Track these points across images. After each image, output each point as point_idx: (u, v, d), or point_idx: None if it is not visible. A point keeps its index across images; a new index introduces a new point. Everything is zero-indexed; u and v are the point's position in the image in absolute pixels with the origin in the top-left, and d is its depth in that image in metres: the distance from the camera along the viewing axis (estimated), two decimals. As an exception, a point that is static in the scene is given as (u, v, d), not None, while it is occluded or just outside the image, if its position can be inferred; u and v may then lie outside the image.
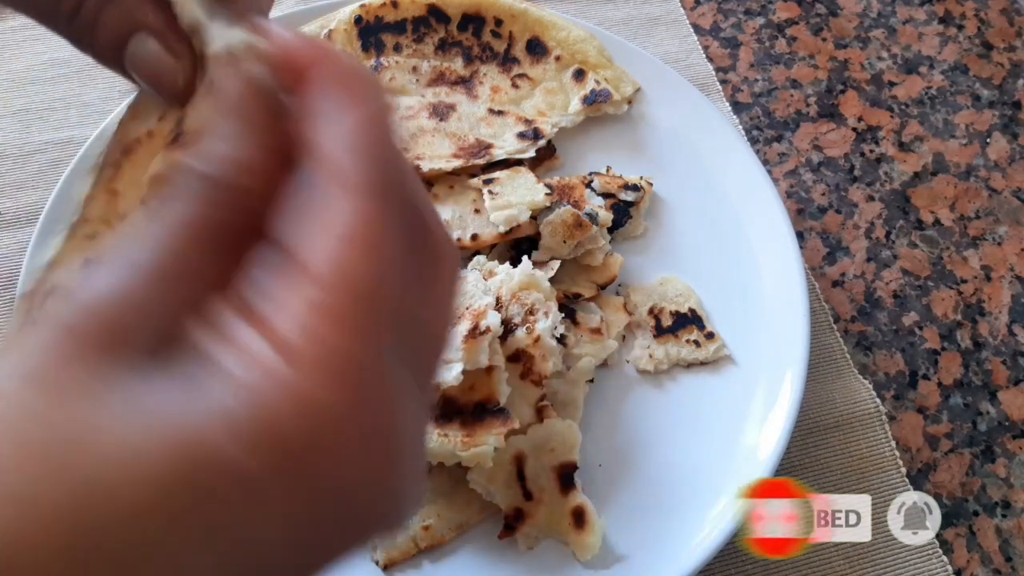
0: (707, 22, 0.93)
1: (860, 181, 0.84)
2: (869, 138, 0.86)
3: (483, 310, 0.60)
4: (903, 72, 0.91)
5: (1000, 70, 0.92)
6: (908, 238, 0.81)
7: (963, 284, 0.78)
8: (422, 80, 0.77)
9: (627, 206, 0.72)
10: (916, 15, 0.96)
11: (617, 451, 0.63)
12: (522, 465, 0.59)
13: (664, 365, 0.67)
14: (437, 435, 0.58)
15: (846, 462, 0.67)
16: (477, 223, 0.69)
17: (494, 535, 0.59)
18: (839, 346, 0.73)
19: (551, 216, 0.68)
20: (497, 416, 0.58)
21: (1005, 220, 0.82)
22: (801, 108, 0.88)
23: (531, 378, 0.61)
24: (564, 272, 0.68)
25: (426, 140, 0.73)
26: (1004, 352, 0.75)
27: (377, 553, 0.58)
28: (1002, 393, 0.73)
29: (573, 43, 0.78)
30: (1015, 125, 0.88)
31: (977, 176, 0.85)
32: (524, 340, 0.62)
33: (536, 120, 0.76)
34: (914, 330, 0.76)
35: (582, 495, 0.59)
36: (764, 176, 0.73)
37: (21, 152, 0.77)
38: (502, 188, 0.69)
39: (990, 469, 0.69)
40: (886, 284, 0.78)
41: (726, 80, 0.89)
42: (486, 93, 0.77)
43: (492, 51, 0.79)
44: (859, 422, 0.69)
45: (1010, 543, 0.66)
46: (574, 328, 0.67)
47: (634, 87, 0.78)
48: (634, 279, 0.71)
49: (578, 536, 0.58)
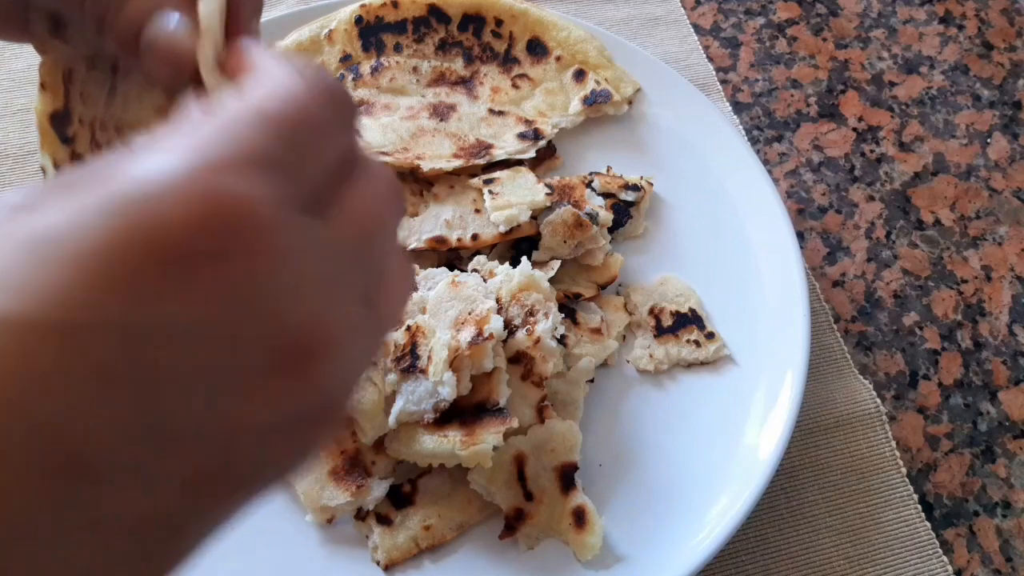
0: (707, 22, 0.93)
1: (860, 181, 0.84)
2: (869, 138, 0.86)
3: (486, 315, 0.60)
4: (903, 72, 0.91)
5: (1000, 70, 0.92)
6: (908, 238, 0.81)
7: (963, 284, 0.78)
8: (423, 80, 0.77)
9: (627, 206, 0.72)
10: (916, 15, 0.96)
11: (617, 451, 0.63)
12: (523, 465, 0.59)
13: (664, 365, 0.67)
14: (437, 435, 0.58)
15: (846, 462, 0.67)
16: (477, 223, 0.69)
17: (495, 535, 0.59)
18: (839, 346, 0.73)
19: (551, 216, 0.68)
20: (496, 416, 0.58)
21: (1005, 220, 0.82)
22: (801, 108, 0.88)
23: (532, 379, 0.61)
24: (564, 272, 0.68)
25: (426, 140, 0.73)
26: (1004, 352, 0.75)
27: (378, 553, 0.58)
28: (1002, 393, 0.73)
29: (573, 43, 0.78)
30: (1015, 125, 0.88)
31: (977, 176, 0.85)
32: (525, 342, 0.62)
33: (536, 120, 0.76)
34: (914, 330, 0.76)
35: (583, 495, 0.59)
36: (764, 176, 0.73)
37: (21, 152, 0.77)
38: (502, 188, 0.69)
39: (990, 469, 0.69)
40: (886, 284, 0.78)
41: (726, 80, 0.89)
42: (486, 93, 0.77)
43: (492, 51, 0.79)
44: (859, 422, 0.69)
45: (1010, 543, 0.66)
46: (574, 328, 0.67)
47: (634, 87, 0.78)
48: (634, 279, 0.71)
49: (578, 536, 0.58)
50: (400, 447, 0.59)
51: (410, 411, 0.58)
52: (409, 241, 0.68)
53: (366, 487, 0.58)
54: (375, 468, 0.60)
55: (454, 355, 0.59)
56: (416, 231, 0.68)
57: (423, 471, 0.60)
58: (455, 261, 0.69)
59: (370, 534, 0.59)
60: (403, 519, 0.59)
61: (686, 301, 0.69)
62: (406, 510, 0.59)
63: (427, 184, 0.72)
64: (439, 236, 0.68)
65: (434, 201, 0.70)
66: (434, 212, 0.69)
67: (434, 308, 0.61)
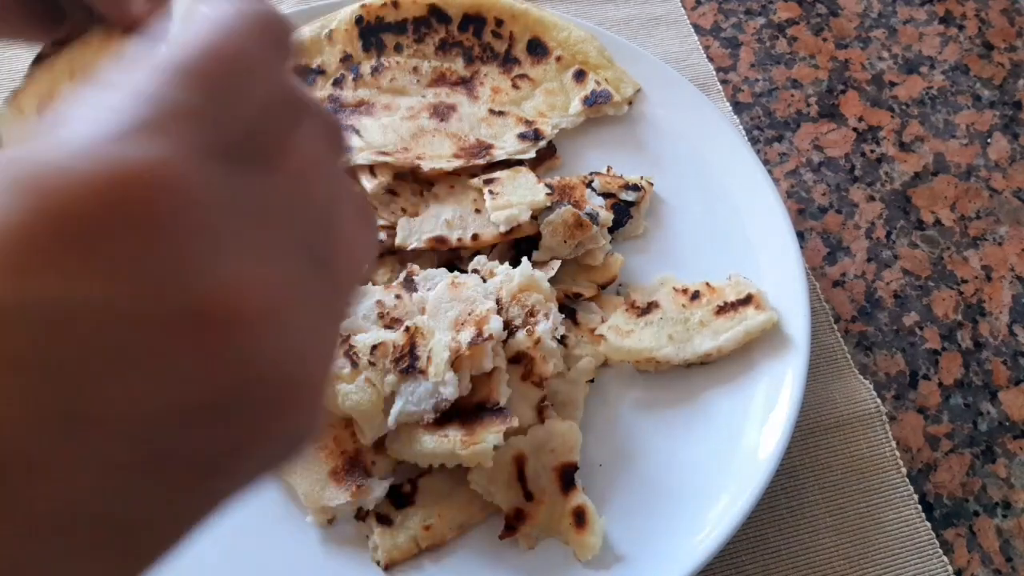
0: (708, 22, 0.93)
1: (861, 181, 0.84)
2: (870, 138, 0.86)
3: (486, 315, 0.60)
4: (904, 72, 0.91)
5: (1001, 70, 0.92)
6: (909, 238, 0.81)
7: (964, 284, 0.78)
8: (423, 80, 0.77)
9: (627, 206, 0.72)
10: (917, 15, 0.96)
11: (617, 451, 0.63)
12: (523, 465, 0.60)
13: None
14: (437, 435, 0.58)
15: (846, 462, 0.67)
16: (478, 223, 0.69)
17: (495, 535, 0.59)
18: (839, 346, 0.73)
19: (552, 216, 0.68)
20: (496, 415, 0.58)
21: (1006, 220, 0.82)
22: (802, 108, 0.88)
23: (532, 380, 0.61)
24: (564, 272, 0.68)
25: (427, 140, 0.73)
26: (1005, 352, 0.75)
27: (378, 553, 0.58)
28: (1003, 393, 0.73)
29: (574, 43, 0.78)
30: (1016, 125, 0.88)
31: (978, 176, 0.85)
32: (525, 342, 0.62)
33: (536, 121, 0.76)
34: (915, 330, 0.76)
35: (583, 495, 0.59)
36: (765, 176, 0.73)
37: (22, 152, 0.77)
38: (502, 188, 0.69)
39: (990, 469, 0.69)
40: (887, 284, 0.78)
41: (727, 80, 0.89)
42: (487, 94, 0.77)
43: (493, 51, 0.79)
44: (859, 422, 0.69)
45: (1010, 543, 0.66)
46: (574, 328, 0.67)
47: (635, 88, 0.78)
48: (634, 279, 0.71)
49: (579, 536, 0.58)
50: (400, 447, 0.59)
51: (410, 411, 0.58)
52: (409, 241, 0.68)
53: (366, 487, 0.58)
54: (375, 468, 0.60)
55: (454, 355, 0.59)
56: (416, 231, 0.68)
57: (423, 471, 0.60)
58: (455, 261, 0.69)
59: (370, 534, 0.59)
60: (403, 519, 0.59)
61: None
62: (406, 510, 0.59)
63: (427, 184, 0.72)
64: (439, 236, 0.68)
65: (434, 201, 0.70)
66: (434, 212, 0.70)
67: (433, 309, 0.61)
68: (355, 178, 0.70)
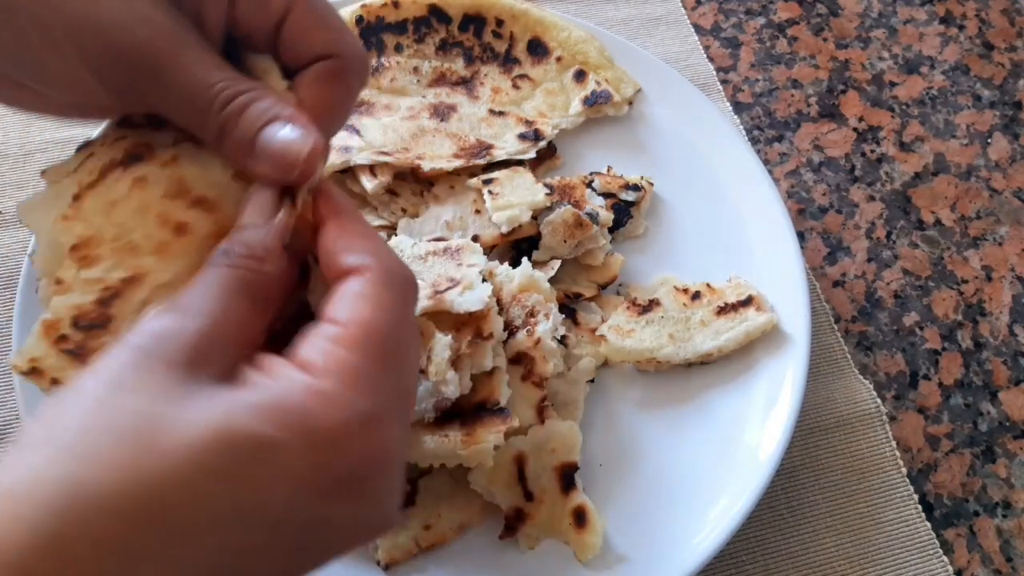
0: (708, 22, 0.93)
1: (861, 181, 0.84)
2: (870, 138, 0.87)
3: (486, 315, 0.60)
4: (904, 72, 0.91)
5: (1001, 70, 0.92)
6: (909, 238, 0.81)
7: (964, 284, 0.78)
8: (423, 81, 0.77)
9: (628, 206, 0.72)
10: (917, 15, 0.96)
11: (617, 451, 0.63)
12: (523, 465, 0.60)
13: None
14: (437, 435, 0.58)
15: (846, 462, 0.67)
16: (478, 224, 0.69)
17: (495, 535, 0.59)
18: (840, 346, 0.73)
19: (552, 216, 0.68)
20: (496, 415, 0.58)
21: (1006, 220, 0.82)
22: (802, 108, 0.88)
23: (532, 380, 0.61)
24: (565, 272, 0.68)
25: (427, 140, 0.73)
26: (1005, 352, 0.75)
27: (379, 553, 0.58)
28: (1003, 393, 0.73)
29: (574, 44, 0.78)
30: (1016, 125, 0.88)
31: (978, 176, 0.85)
32: (525, 342, 0.62)
33: (537, 121, 0.76)
34: (915, 330, 0.76)
35: (583, 495, 0.59)
36: (765, 176, 0.73)
37: (21, 152, 0.77)
38: (502, 188, 0.69)
39: (991, 469, 0.69)
40: (887, 284, 0.78)
41: (727, 80, 0.89)
42: (487, 94, 0.77)
43: (493, 52, 0.79)
44: (859, 422, 0.69)
45: (1010, 543, 0.66)
46: (575, 328, 0.67)
47: (635, 88, 0.78)
48: (634, 279, 0.71)
49: (579, 536, 0.58)
50: (400, 447, 0.59)
51: (410, 411, 0.58)
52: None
53: (366, 487, 0.58)
54: (375, 468, 0.59)
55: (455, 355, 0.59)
56: (416, 232, 0.68)
57: (423, 471, 0.60)
58: (455, 261, 0.69)
59: (370, 534, 0.59)
60: (403, 519, 0.59)
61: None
62: (406, 510, 0.59)
63: (427, 184, 0.72)
64: (439, 237, 0.68)
65: (434, 202, 0.70)
66: (434, 213, 0.69)
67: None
68: (355, 178, 0.70)
